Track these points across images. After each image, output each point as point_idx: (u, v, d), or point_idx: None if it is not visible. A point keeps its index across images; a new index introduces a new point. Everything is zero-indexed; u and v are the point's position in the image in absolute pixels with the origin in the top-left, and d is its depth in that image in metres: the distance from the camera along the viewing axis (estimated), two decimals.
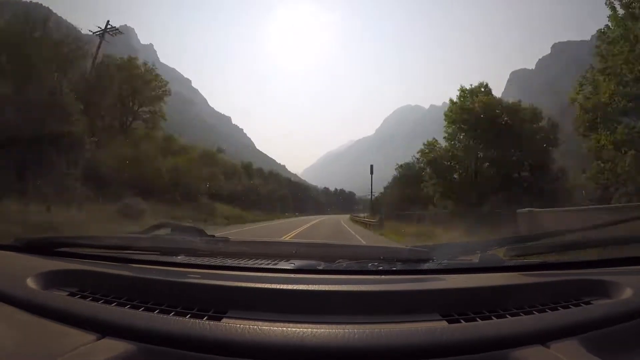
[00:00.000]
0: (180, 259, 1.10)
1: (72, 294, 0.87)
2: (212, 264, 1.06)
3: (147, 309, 0.78)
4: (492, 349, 0.67)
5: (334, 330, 0.68)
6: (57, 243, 1.21)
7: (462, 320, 0.75)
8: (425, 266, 1.04)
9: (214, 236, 1.31)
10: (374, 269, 1.00)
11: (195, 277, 0.90)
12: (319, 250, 1.25)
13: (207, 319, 0.73)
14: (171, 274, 0.93)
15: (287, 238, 12.20)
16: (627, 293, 0.84)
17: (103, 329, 0.71)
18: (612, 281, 0.89)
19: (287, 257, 1.09)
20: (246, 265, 1.06)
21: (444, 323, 0.74)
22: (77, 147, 14.18)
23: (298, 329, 0.68)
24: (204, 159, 26.25)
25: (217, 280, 0.88)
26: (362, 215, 37.48)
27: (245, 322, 0.72)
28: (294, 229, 19.44)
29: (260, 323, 0.71)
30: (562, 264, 1.07)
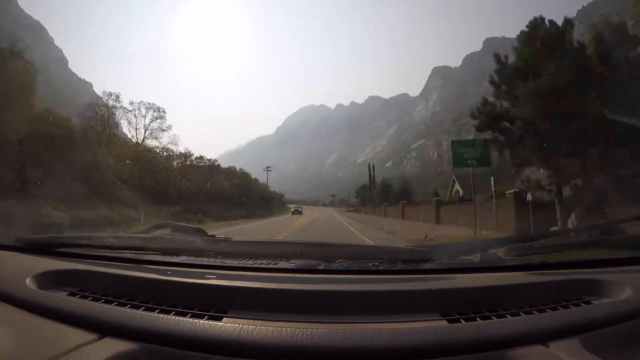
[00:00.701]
0: (180, 258, 1.10)
1: (72, 294, 0.87)
2: (213, 264, 1.06)
3: (148, 309, 0.78)
4: (493, 348, 0.67)
5: (334, 329, 0.68)
6: (57, 243, 1.21)
7: (462, 320, 0.75)
8: (426, 266, 1.04)
9: (214, 236, 1.31)
10: (374, 268, 1.00)
11: (195, 277, 0.90)
12: (319, 250, 1.24)
13: (207, 319, 0.73)
14: (172, 274, 0.93)
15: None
16: (627, 293, 0.84)
17: (103, 328, 0.71)
18: (612, 281, 0.90)
19: (288, 257, 1.09)
20: (247, 265, 1.06)
21: (445, 323, 0.74)
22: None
23: (299, 329, 0.68)
24: None
25: (218, 280, 0.88)
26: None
27: (246, 321, 0.72)
28: None
29: (260, 323, 0.71)
30: (563, 264, 1.07)
